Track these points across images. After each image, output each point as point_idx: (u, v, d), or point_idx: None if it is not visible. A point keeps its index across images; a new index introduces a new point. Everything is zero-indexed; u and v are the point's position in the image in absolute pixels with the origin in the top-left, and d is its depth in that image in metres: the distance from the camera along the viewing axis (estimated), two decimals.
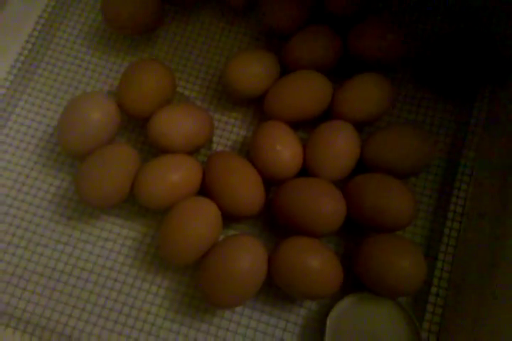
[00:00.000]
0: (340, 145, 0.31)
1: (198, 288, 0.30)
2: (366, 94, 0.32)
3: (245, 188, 0.30)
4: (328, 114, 0.32)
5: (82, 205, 0.32)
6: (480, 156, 0.32)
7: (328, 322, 0.29)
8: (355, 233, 0.31)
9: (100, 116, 0.31)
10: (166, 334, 0.29)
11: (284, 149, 0.30)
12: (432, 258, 0.31)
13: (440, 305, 0.30)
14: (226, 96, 0.34)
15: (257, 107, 0.34)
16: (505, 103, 0.33)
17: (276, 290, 0.30)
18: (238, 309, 0.30)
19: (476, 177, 0.32)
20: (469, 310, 0.28)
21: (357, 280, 0.30)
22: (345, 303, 0.29)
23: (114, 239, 0.31)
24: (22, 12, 0.36)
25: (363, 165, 0.31)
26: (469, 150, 0.32)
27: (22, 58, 0.35)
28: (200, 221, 0.29)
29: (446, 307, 0.29)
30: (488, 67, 0.33)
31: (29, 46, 0.35)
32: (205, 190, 0.30)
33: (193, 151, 0.32)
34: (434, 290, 0.30)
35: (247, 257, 0.28)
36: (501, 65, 0.33)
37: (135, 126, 0.34)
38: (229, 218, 0.30)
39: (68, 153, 0.31)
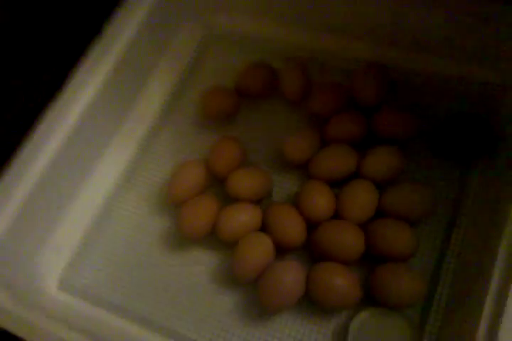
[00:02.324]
0: (363, 197, 0.42)
1: (257, 297, 0.42)
2: (382, 160, 0.44)
3: (291, 227, 0.42)
4: (355, 175, 0.44)
5: (180, 238, 0.45)
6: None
7: (350, 330, 0.39)
8: (372, 262, 0.42)
9: (196, 176, 0.46)
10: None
11: (321, 199, 0.43)
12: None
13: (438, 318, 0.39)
14: (284, 162, 0.48)
15: (304, 171, 0.47)
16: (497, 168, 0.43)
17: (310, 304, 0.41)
18: (282, 316, 0.41)
19: None
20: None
21: (374, 299, 0.40)
22: (363, 315, 0.40)
23: (201, 263, 0.44)
24: None
25: (381, 212, 0.43)
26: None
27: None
28: (260, 250, 0.41)
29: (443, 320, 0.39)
30: (483, 141, 0.44)
31: None
32: (264, 228, 0.43)
33: (257, 201, 0.45)
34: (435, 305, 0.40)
35: (291, 275, 0.40)
36: (492, 141, 0.44)
37: (218, 183, 0.47)
38: (280, 250, 0.42)
39: (173, 199, 0.46)
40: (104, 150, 0.49)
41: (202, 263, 0.44)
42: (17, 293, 0.40)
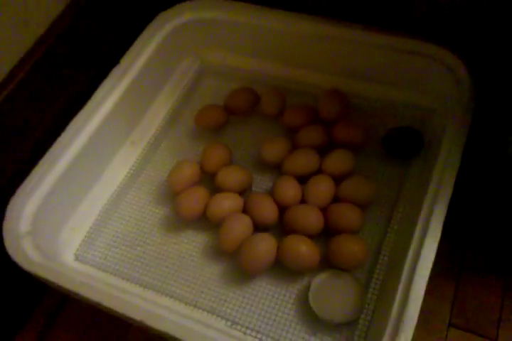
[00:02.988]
0: (323, 187, 0.54)
1: (237, 263, 0.52)
2: (338, 160, 0.56)
3: (267, 209, 0.53)
4: (318, 172, 0.56)
5: (177, 220, 0.56)
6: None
7: (310, 288, 0.50)
8: (330, 236, 0.52)
9: (191, 172, 0.57)
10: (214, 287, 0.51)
11: (290, 189, 0.54)
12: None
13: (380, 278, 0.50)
14: (262, 163, 0.59)
15: (278, 170, 0.58)
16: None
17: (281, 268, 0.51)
18: (259, 278, 0.51)
19: None
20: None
21: (330, 263, 0.51)
22: (322, 276, 0.50)
23: (194, 241, 0.55)
24: None
25: (338, 199, 0.54)
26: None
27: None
28: (240, 225, 0.52)
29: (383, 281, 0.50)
30: (416, 145, 0.57)
31: None
32: (245, 212, 0.54)
33: (240, 192, 0.56)
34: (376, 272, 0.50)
35: (265, 244, 0.50)
36: (421, 145, 0.57)
37: (209, 178, 0.58)
38: (258, 228, 0.53)
39: (172, 189, 0.57)
40: (116, 153, 0.61)
41: (195, 240, 0.55)
42: (46, 254, 0.49)
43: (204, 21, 0.64)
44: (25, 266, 0.47)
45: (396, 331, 0.42)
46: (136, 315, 0.44)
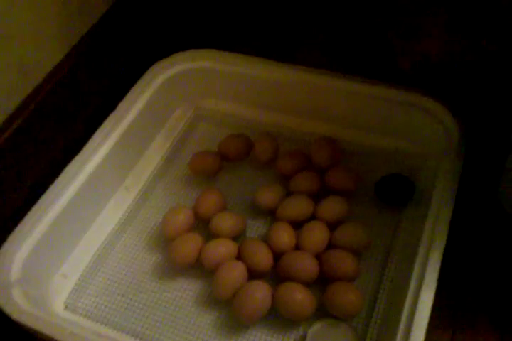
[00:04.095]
0: (317, 234, 0.54)
1: (232, 311, 0.51)
2: (332, 207, 0.56)
3: (261, 256, 0.53)
4: (312, 218, 0.57)
5: (170, 268, 0.55)
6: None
7: (307, 338, 0.49)
8: (325, 283, 0.52)
9: (184, 218, 0.57)
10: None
11: (284, 235, 0.54)
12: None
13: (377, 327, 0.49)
14: (256, 209, 0.59)
15: (272, 216, 0.58)
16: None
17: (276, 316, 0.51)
18: (253, 327, 0.50)
19: None
20: None
21: (326, 312, 0.50)
22: (318, 325, 0.49)
23: (187, 289, 0.54)
24: None
25: (332, 245, 0.54)
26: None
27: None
28: (235, 273, 0.52)
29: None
30: (408, 193, 0.58)
31: None
32: (239, 258, 0.53)
33: (234, 238, 0.56)
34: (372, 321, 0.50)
35: (260, 293, 0.49)
36: (413, 191, 0.58)
37: (203, 225, 0.58)
38: (253, 275, 0.52)
39: (165, 236, 0.56)
40: (110, 198, 0.61)
41: (188, 288, 0.54)
42: (36, 303, 0.48)
43: (199, 70, 0.66)
44: (15, 315, 0.45)
45: None
46: None
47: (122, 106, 0.62)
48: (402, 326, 0.44)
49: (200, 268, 0.54)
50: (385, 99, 0.60)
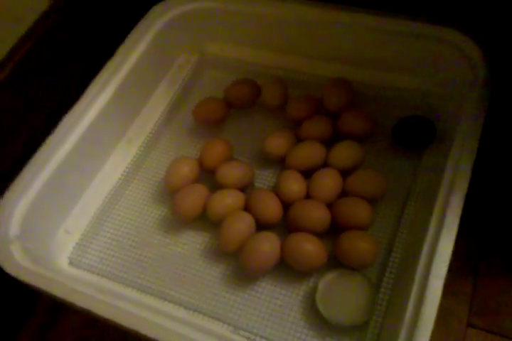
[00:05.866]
0: (329, 182, 0.51)
1: (239, 264, 0.49)
2: (345, 152, 0.52)
3: (270, 207, 0.50)
4: (324, 166, 0.53)
5: (174, 221, 0.53)
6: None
7: (318, 289, 0.46)
8: (338, 233, 0.49)
9: (188, 169, 0.54)
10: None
11: (294, 184, 0.51)
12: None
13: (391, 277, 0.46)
14: (264, 157, 0.56)
15: (281, 165, 0.55)
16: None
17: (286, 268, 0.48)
18: (262, 279, 0.48)
19: None
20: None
21: (338, 262, 0.47)
22: (329, 276, 0.47)
23: (193, 242, 0.52)
24: None
25: (345, 193, 0.51)
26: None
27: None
28: (241, 225, 0.49)
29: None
30: (429, 135, 0.53)
31: None
32: (247, 209, 0.51)
33: (241, 189, 0.53)
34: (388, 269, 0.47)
35: (268, 244, 0.47)
36: (433, 134, 0.53)
37: (208, 176, 0.55)
38: (261, 226, 0.49)
39: (169, 188, 0.54)
40: (112, 151, 0.58)
41: (194, 241, 0.52)
42: (37, 259, 0.47)
43: (200, 11, 0.61)
44: (13, 272, 0.44)
45: (411, 335, 0.39)
46: (131, 324, 0.41)
47: (120, 52, 0.58)
48: (418, 275, 0.41)
49: (206, 220, 0.52)
50: (404, 32, 0.54)
